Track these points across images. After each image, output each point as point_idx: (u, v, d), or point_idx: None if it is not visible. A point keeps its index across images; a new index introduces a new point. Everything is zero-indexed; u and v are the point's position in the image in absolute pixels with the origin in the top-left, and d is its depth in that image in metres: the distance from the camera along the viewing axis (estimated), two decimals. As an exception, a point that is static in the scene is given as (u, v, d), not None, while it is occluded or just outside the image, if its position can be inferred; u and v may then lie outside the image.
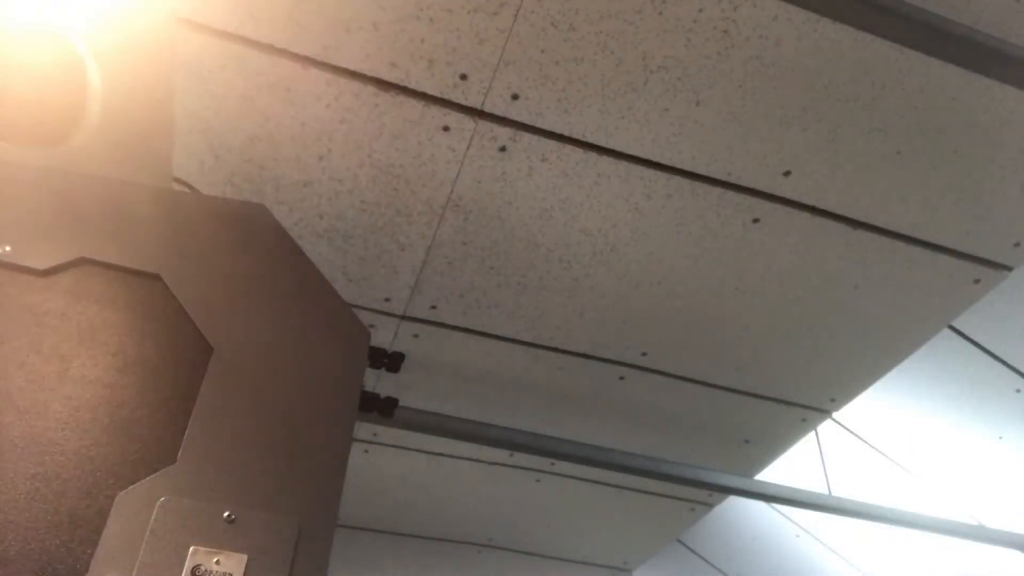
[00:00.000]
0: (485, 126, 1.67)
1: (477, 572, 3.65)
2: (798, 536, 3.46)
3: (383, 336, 2.25)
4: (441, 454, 2.83)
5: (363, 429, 2.64)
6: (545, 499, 3.11)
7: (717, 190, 1.80)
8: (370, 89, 1.61)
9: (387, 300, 2.13)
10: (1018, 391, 2.44)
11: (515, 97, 1.62)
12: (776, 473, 2.81)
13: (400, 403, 2.26)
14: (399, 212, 1.87)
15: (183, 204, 1.38)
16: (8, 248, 1.22)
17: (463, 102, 1.64)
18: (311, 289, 1.19)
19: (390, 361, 2.30)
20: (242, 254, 0.50)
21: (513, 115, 1.65)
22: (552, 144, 1.71)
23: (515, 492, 3.08)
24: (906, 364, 2.26)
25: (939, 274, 1.97)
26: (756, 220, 1.87)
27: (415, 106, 1.65)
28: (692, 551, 3.65)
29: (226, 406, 1.22)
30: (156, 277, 0.55)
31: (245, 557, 1.08)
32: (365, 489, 2.95)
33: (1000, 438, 2.66)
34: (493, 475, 2.96)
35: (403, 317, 2.20)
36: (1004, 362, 2.35)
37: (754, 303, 2.10)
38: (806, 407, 2.48)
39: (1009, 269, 1.95)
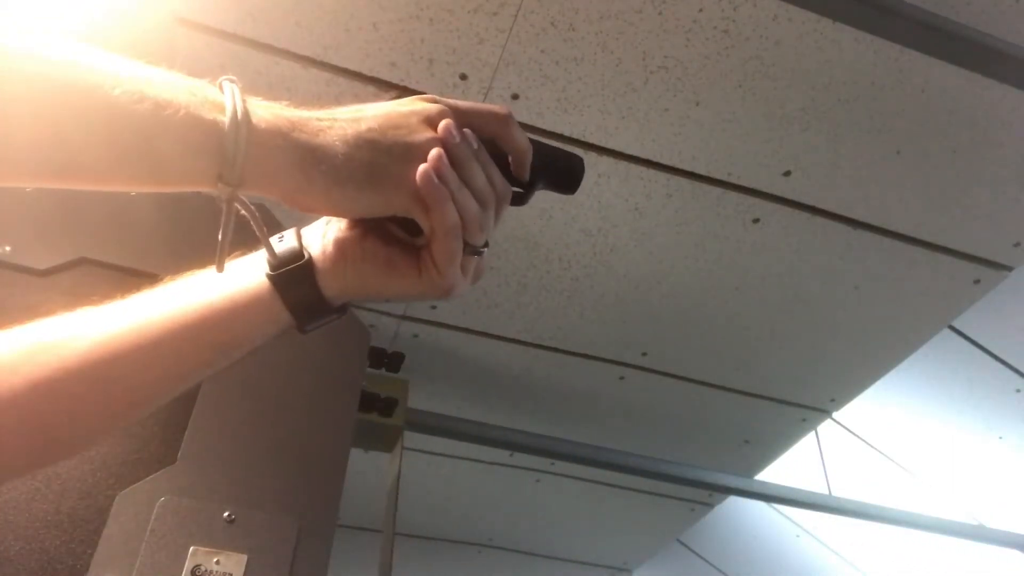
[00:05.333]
0: (485, 126, 1.67)
1: (477, 572, 3.65)
2: (798, 536, 3.46)
3: (383, 336, 2.25)
4: (441, 454, 2.83)
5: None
6: (545, 499, 3.11)
7: (717, 190, 1.80)
8: (370, 89, 1.61)
9: (387, 300, 2.13)
10: (1018, 391, 2.43)
11: (515, 97, 1.62)
12: (776, 473, 2.81)
13: (400, 403, 2.26)
14: (399, 212, 1.87)
15: (183, 204, 1.38)
16: (8, 248, 1.22)
17: (463, 102, 1.63)
18: (311, 289, 1.18)
19: (390, 361, 2.30)
20: (241, 249, 0.50)
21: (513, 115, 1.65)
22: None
23: (515, 492, 3.08)
24: (906, 364, 2.26)
25: (939, 274, 1.97)
26: (756, 220, 1.87)
27: (415, 106, 1.64)
28: (692, 551, 3.65)
29: (226, 406, 1.22)
30: (156, 277, 0.55)
31: (245, 557, 1.08)
32: (365, 489, 2.95)
33: (1000, 438, 2.66)
34: (493, 475, 2.96)
35: (403, 317, 2.20)
36: (1004, 362, 2.35)
37: (754, 303, 2.10)
38: (806, 407, 2.48)
39: (1009, 269, 1.94)
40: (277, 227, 0.55)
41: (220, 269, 0.50)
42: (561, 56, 1.54)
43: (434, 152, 0.51)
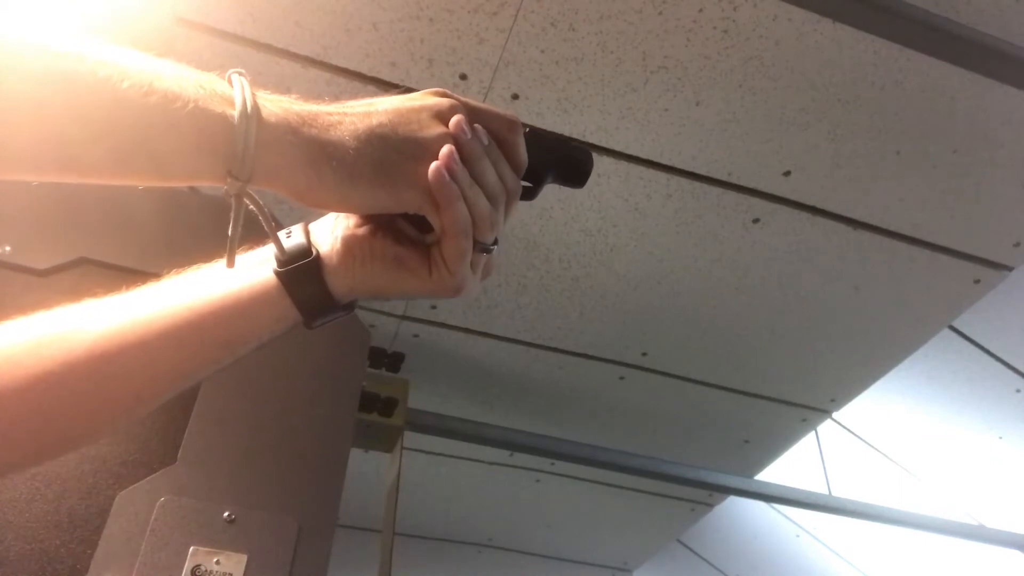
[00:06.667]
0: (485, 126, 1.67)
1: (477, 572, 3.65)
2: (798, 536, 3.45)
3: (383, 336, 2.25)
4: (441, 454, 2.83)
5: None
6: (545, 499, 3.11)
7: (717, 190, 1.80)
8: (370, 89, 1.61)
9: (396, 298, 2.13)
10: (1018, 391, 2.43)
11: (515, 97, 1.62)
12: (776, 473, 2.81)
13: (400, 403, 2.26)
14: (399, 212, 1.87)
15: (183, 204, 1.38)
16: (8, 248, 1.22)
17: (463, 102, 1.63)
18: (311, 289, 1.18)
19: (390, 361, 2.30)
20: (245, 248, 0.50)
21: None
22: (552, 144, 1.71)
23: (515, 492, 3.08)
24: (906, 364, 2.26)
25: (939, 274, 1.97)
26: (756, 220, 1.87)
27: (415, 106, 1.64)
28: (692, 551, 3.65)
29: (226, 406, 1.22)
30: (156, 277, 0.55)
31: (245, 557, 1.08)
32: (365, 489, 2.95)
33: (1000, 438, 2.66)
34: (493, 475, 2.96)
35: (403, 317, 2.20)
36: (1004, 362, 2.35)
37: (754, 303, 2.10)
38: (806, 407, 2.48)
39: (1009, 269, 1.94)
40: (278, 224, 0.55)
41: (231, 265, 0.50)
42: (561, 56, 1.54)
43: (445, 149, 0.51)
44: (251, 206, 0.47)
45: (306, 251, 0.53)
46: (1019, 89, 1.53)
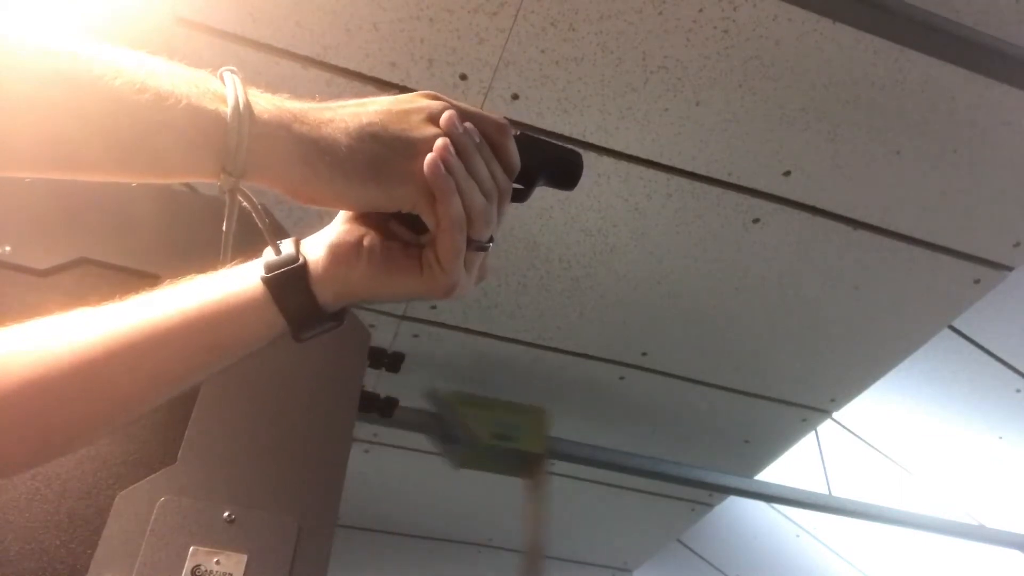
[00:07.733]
0: (485, 126, 1.67)
1: (477, 572, 3.65)
2: (798, 536, 3.45)
3: (383, 336, 2.25)
4: (442, 454, 2.83)
5: (363, 429, 2.64)
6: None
7: (717, 190, 1.80)
8: (370, 89, 1.61)
9: (389, 301, 2.13)
10: (1018, 391, 2.43)
11: (515, 97, 1.62)
12: (776, 473, 2.81)
13: (400, 403, 2.25)
14: (399, 212, 1.86)
15: (183, 204, 1.38)
16: (8, 248, 1.22)
17: (463, 102, 1.63)
18: (311, 289, 1.18)
19: (390, 361, 2.30)
20: (242, 255, 0.50)
21: (513, 115, 1.65)
22: (552, 144, 1.71)
23: (515, 492, 3.08)
24: (906, 364, 2.26)
25: (939, 274, 1.97)
26: (756, 220, 1.87)
27: (415, 106, 1.64)
28: (692, 551, 3.65)
29: (226, 406, 1.22)
30: (156, 277, 0.55)
31: (245, 557, 1.08)
32: (365, 489, 2.95)
33: (1000, 438, 2.66)
34: (493, 475, 2.95)
35: (403, 317, 2.20)
36: (1004, 362, 2.35)
37: (754, 303, 2.10)
38: (806, 407, 2.48)
39: (1009, 269, 1.94)
40: (272, 220, 0.56)
41: (225, 260, 0.51)
42: (561, 56, 1.54)
43: (440, 142, 0.51)
44: (244, 203, 0.47)
45: (293, 259, 0.54)
46: (1019, 89, 1.53)
